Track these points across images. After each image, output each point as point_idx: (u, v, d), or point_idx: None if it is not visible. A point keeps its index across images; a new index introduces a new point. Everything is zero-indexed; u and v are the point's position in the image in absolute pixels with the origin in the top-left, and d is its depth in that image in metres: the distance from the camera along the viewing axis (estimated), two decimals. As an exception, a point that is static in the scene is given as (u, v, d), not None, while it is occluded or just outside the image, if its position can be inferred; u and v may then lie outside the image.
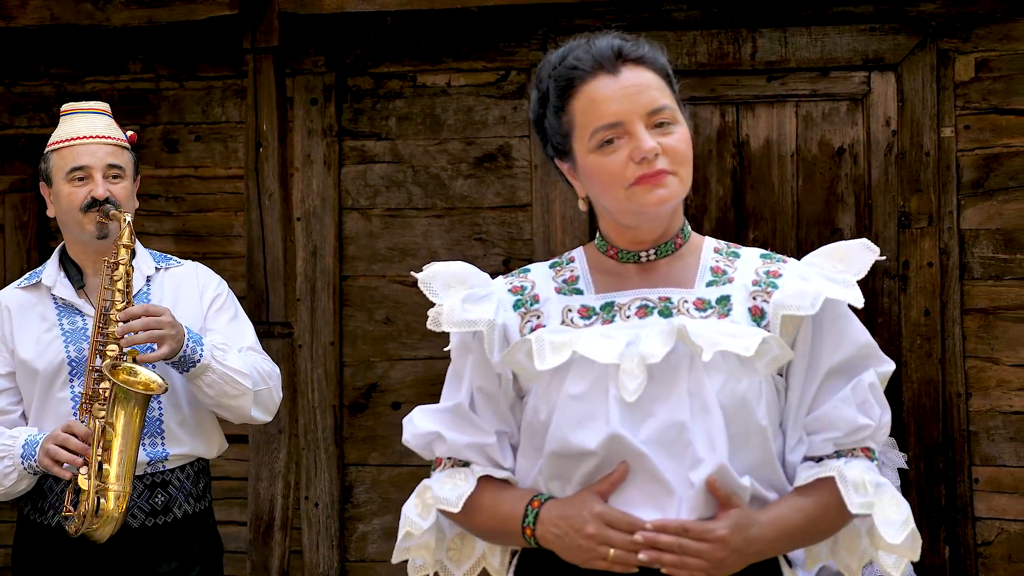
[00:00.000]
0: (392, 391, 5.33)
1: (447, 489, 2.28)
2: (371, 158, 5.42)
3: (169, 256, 3.71)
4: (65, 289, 3.53)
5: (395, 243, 5.38)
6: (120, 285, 3.38)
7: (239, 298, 5.16)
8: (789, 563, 2.30)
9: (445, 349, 2.37)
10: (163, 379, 3.36)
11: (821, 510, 2.20)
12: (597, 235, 2.37)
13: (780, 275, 2.28)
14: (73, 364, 3.46)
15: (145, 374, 3.33)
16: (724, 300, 2.25)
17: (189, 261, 3.73)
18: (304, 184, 5.38)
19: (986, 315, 4.90)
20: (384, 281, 5.38)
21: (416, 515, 2.31)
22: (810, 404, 2.25)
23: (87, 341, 3.45)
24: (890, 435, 4.93)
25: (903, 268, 4.94)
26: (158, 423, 3.47)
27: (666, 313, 2.24)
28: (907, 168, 4.94)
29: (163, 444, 3.48)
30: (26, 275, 3.63)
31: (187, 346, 3.37)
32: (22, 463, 3.34)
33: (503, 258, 5.26)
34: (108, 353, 3.34)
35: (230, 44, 5.11)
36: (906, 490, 4.90)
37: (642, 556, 2.09)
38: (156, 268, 3.62)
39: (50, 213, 3.60)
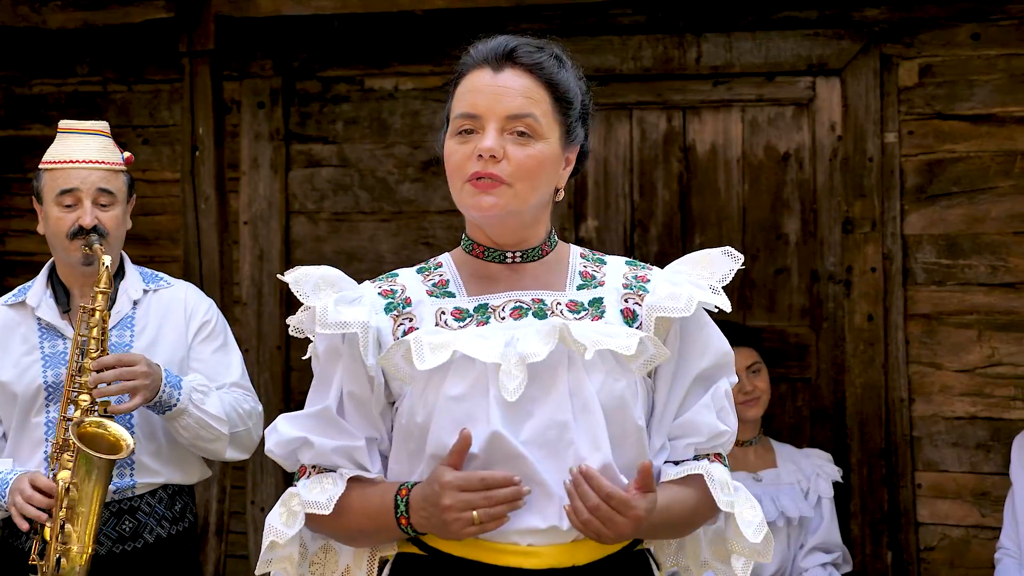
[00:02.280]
0: (338, 395, 5.31)
1: (316, 493, 2.23)
2: (318, 162, 5.41)
3: (160, 275, 3.67)
4: (49, 311, 3.51)
5: (342, 247, 5.37)
6: (95, 332, 3.34)
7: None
8: (657, 565, 2.33)
9: (304, 357, 2.34)
10: (131, 438, 3.31)
11: (697, 503, 2.26)
12: (463, 236, 2.38)
13: (648, 280, 2.32)
14: (50, 389, 3.43)
15: (114, 429, 3.29)
16: (597, 302, 2.27)
17: (181, 282, 3.69)
18: (251, 188, 5.36)
19: (929, 320, 4.90)
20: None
21: (281, 524, 2.25)
22: (676, 410, 2.28)
23: (65, 365, 3.42)
24: (832, 442, 4.94)
25: (847, 273, 4.94)
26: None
27: (540, 314, 2.25)
28: (851, 173, 4.94)
29: (131, 475, 3.44)
30: (14, 291, 3.61)
31: (163, 391, 3.33)
32: None
33: (449, 262, 5.24)
34: (80, 403, 3.30)
35: (174, 47, 5.10)
36: (847, 497, 4.90)
37: (524, 503, 2.11)
38: (144, 291, 3.57)
39: (40, 230, 3.56)
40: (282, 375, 5.34)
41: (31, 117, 5.61)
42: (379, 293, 2.30)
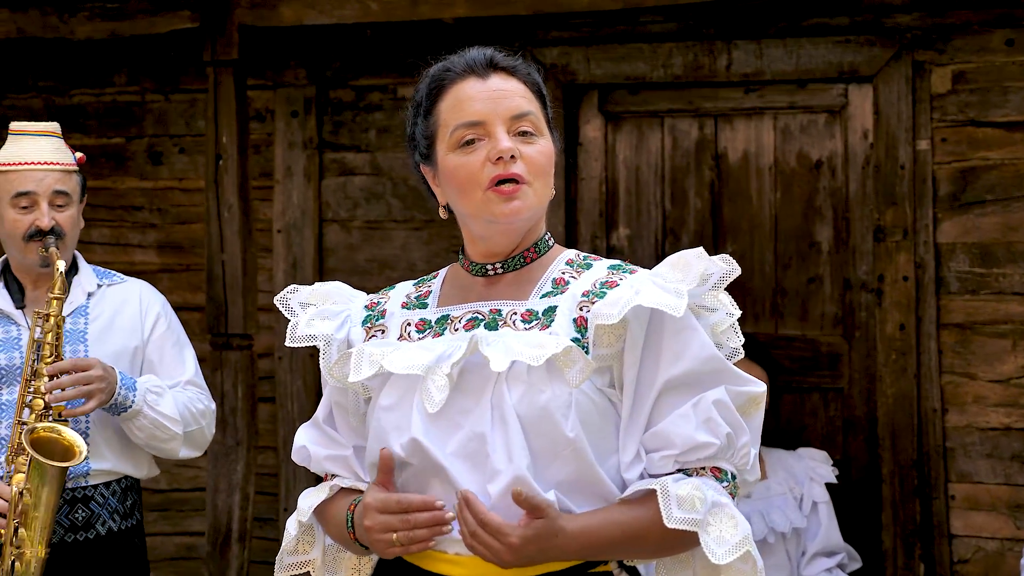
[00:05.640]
0: (371, 403, 5.33)
1: (306, 500, 2.31)
2: (351, 170, 5.43)
3: (113, 272, 3.75)
4: (4, 300, 3.57)
5: (374, 255, 5.39)
6: (50, 338, 3.40)
7: (199, 309, 5.20)
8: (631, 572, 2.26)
9: None
10: (85, 444, 3.38)
11: (642, 524, 2.14)
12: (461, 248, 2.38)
13: (617, 285, 2.20)
14: (3, 372, 3.48)
15: (68, 435, 3.36)
16: (550, 311, 2.21)
17: (133, 279, 3.76)
18: (284, 196, 5.40)
19: (963, 330, 4.83)
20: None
21: (292, 527, 2.35)
22: (647, 420, 2.17)
23: (19, 351, 3.49)
24: (864, 453, 4.88)
25: (879, 282, 4.89)
26: (84, 436, 3.48)
27: (492, 325, 2.23)
28: (882, 181, 4.88)
29: (87, 458, 3.48)
30: None
31: (119, 393, 3.41)
32: None
33: (479, 271, 5.24)
34: (34, 407, 3.36)
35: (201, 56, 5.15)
36: (878, 507, 4.84)
37: (449, 527, 2.13)
38: (98, 285, 3.65)
39: None
40: (315, 383, 5.36)
41: (70, 127, 5.67)
42: (365, 305, 2.35)
